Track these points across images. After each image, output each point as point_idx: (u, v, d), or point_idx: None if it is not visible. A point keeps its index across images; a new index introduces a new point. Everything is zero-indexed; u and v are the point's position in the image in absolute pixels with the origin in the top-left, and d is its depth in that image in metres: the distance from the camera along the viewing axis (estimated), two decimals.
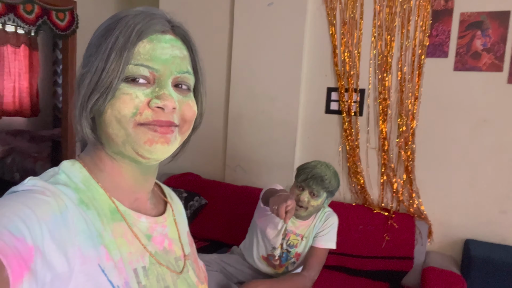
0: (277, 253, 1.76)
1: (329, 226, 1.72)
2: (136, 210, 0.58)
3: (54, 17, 2.95)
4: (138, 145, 0.52)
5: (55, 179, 0.52)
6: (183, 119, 0.56)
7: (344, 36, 2.25)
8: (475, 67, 2.02)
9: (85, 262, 0.47)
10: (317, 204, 1.67)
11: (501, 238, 2.03)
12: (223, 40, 2.59)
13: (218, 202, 2.42)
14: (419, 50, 2.10)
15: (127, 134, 0.52)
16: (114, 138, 0.53)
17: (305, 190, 1.64)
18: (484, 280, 1.84)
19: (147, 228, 0.59)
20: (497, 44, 1.97)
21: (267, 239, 1.77)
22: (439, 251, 2.15)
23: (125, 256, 0.52)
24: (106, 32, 0.52)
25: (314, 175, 1.62)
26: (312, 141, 2.41)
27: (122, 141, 0.53)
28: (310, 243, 1.74)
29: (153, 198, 0.66)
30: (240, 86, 2.52)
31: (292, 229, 1.74)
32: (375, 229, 2.10)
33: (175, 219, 0.67)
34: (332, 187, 1.67)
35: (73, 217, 0.48)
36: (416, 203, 2.16)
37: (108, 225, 0.52)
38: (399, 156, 2.19)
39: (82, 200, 0.51)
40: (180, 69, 0.55)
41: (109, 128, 0.52)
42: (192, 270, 0.65)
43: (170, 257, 0.61)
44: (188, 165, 2.74)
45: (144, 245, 0.56)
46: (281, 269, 1.79)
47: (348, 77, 2.25)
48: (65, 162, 0.56)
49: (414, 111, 2.13)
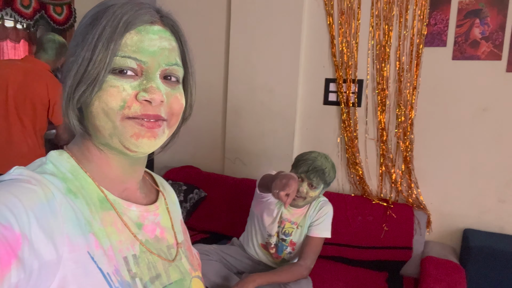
0: (273, 241, 1.77)
1: (324, 215, 1.73)
2: (126, 199, 0.58)
3: (51, 11, 2.94)
4: (125, 138, 0.52)
5: (42, 169, 0.52)
6: (171, 112, 0.55)
7: (341, 26, 2.23)
8: (473, 56, 2.00)
9: (73, 249, 0.47)
10: (315, 195, 1.69)
11: (500, 227, 2.03)
12: (220, 32, 2.58)
13: (217, 194, 2.43)
14: (417, 40, 2.08)
15: (114, 127, 0.52)
16: (101, 130, 0.53)
17: (304, 182, 1.65)
18: (483, 269, 1.84)
19: (138, 216, 0.59)
20: (496, 32, 1.95)
21: (264, 227, 1.78)
22: (438, 241, 2.15)
23: (115, 244, 0.52)
24: (93, 21, 0.52)
25: (316, 168, 1.63)
26: (311, 132, 2.41)
27: (109, 134, 0.53)
28: (305, 232, 1.75)
29: (144, 187, 0.66)
30: (238, 78, 2.51)
31: (287, 216, 1.75)
32: (374, 219, 2.11)
33: (168, 207, 0.67)
34: (330, 179, 1.69)
35: (61, 206, 0.48)
36: (415, 193, 2.16)
37: (97, 214, 0.52)
38: (398, 146, 2.18)
39: (70, 189, 0.51)
40: (169, 61, 0.54)
41: (96, 120, 0.52)
42: (185, 258, 0.66)
43: (162, 245, 0.61)
44: (187, 158, 2.75)
45: (135, 233, 0.56)
46: (279, 260, 1.80)
47: (346, 68, 2.24)
48: (52, 152, 0.56)
49: (412, 101, 2.12)
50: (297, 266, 1.66)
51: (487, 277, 1.84)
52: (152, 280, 0.55)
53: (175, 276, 0.60)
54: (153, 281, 0.56)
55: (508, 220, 2.02)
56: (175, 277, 0.60)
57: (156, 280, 0.56)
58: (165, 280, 0.58)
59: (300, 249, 1.75)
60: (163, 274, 0.58)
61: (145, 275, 0.55)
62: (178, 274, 0.61)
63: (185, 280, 0.62)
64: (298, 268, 1.65)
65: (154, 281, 0.56)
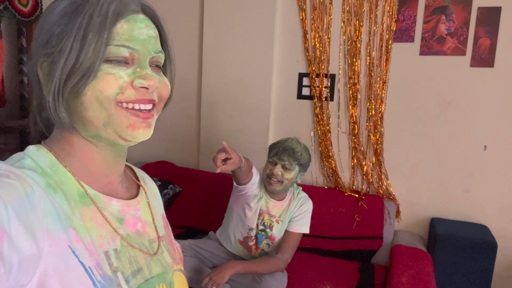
0: (253, 233, 1.79)
1: (304, 212, 1.78)
2: (108, 193, 0.58)
3: (16, 3, 2.82)
4: (121, 128, 0.53)
5: (21, 163, 0.52)
6: (160, 97, 0.58)
7: (314, 21, 2.26)
8: (439, 51, 2.08)
9: (54, 243, 0.47)
10: (291, 177, 1.71)
11: (465, 216, 2.13)
12: (193, 26, 2.56)
13: (192, 189, 2.42)
14: (387, 35, 2.14)
15: (109, 115, 0.52)
16: (94, 121, 0.53)
17: (278, 164, 1.69)
18: (449, 256, 1.93)
19: (119, 211, 0.59)
20: (461, 28, 2.03)
21: (243, 221, 1.80)
22: (407, 230, 2.24)
23: (95, 239, 0.52)
24: (73, 10, 0.51)
25: (285, 148, 1.68)
26: (285, 126, 2.44)
27: (104, 123, 0.53)
28: (285, 227, 1.78)
29: (126, 181, 0.66)
30: (212, 73, 2.50)
31: (265, 209, 1.78)
32: (346, 211, 2.17)
33: (149, 202, 0.68)
34: (304, 160, 1.71)
35: (40, 200, 0.48)
36: (385, 184, 2.23)
37: (76, 209, 0.52)
38: (369, 139, 2.24)
39: (49, 184, 0.51)
40: (156, 48, 0.56)
41: (88, 110, 0.52)
42: (167, 252, 0.66)
43: (143, 239, 0.62)
44: (162, 153, 2.72)
45: (115, 228, 0.56)
46: (257, 252, 1.82)
47: (319, 63, 2.28)
48: (30, 147, 0.55)
49: (382, 96, 2.18)
50: (275, 259, 1.69)
51: (453, 263, 1.93)
52: (134, 274, 0.56)
53: (156, 270, 0.60)
54: (135, 275, 0.56)
55: (472, 208, 2.12)
56: (157, 270, 0.60)
57: (138, 274, 0.56)
58: (146, 274, 0.58)
59: (278, 243, 1.78)
60: (145, 268, 0.58)
61: (127, 269, 0.55)
62: (159, 268, 0.61)
63: (167, 274, 0.62)
64: (276, 261, 1.69)
65: (135, 275, 0.56)
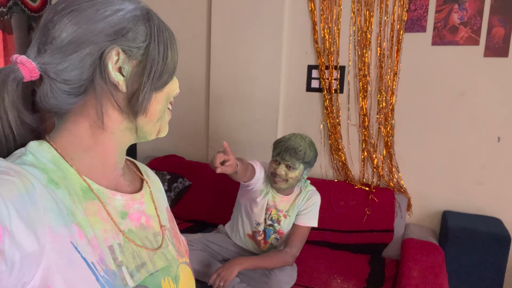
0: (261, 228, 1.79)
1: (312, 205, 1.76)
2: (113, 188, 0.59)
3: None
4: (165, 123, 0.63)
5: (21, 160, 0.52)
6: None
7: (323, 12, 2.23)
8: (452, 41, 2.03)
9: (56, 240, 0.47)
10: (296, 176, 1.69)
11: (477, 209, 2.10)
12: (202, 20, 2.54)
13: (201, 183, 2.43)
14: (398, 25, 2.10)
15: (164, 111, 0.62)
16: (156, 114, 0.60)
17: (281, 164, 1.67)
18: (461, 249, 1.91)
19: (123, 205, 0.59)
20: (474, 17, 1.98)
21: (251, 216, 1.80)
22: (418, 223, 2.21)
23: (99, 234, 0.52)
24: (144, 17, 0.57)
25: (288, 147, 1.64)
26: (294, 119, 2.42)
27: (159, 117, 0.61)
28: (293, 221, 1.77)
29: (129, 175, 0.66)
30: (220, 66, 2.49)
31: (272, 204, 1.77)
32: (357, 204, 2.15)
33: (153, 195, 0.68)
34: (308, 158, 1.67)
35: (41, 196, 0.47)
36: (396, 177, 2.21)
37: (80, 204, 0.52)
38: (379, 132, 2.21)
39: (51, 179, 0.51)
40: None
41: (159, 104, 0.60)
42: (171, 245, 0.66)
43: (148, 232, 0.62)
44: (170, 147, 2.73)
45: (118, 223, 0.56)
46: (266, 246, 1.82)
47: (328, 54, 2.25)
48: (32, 143, 0.54)
49: (393, 87, 2.14)
50: (283, 253, 1.69)
51: (465, 257, 1.90)
52: (138, 268, 0.56)
53: (160, 264, 0.60)
54: (139, 269, 0.56)
55: (485, 201, 2.08)
56: (161, 264, 0.60)
57: (142, 268, 0.57)
58: (151, 268, 0.58)
59: (286, 237, 1.77)
60: (148, 262, 0.58)
61: (131, 263, 0.55)
62: (163, 262, 0.61)
63: (171, 267, 0.62)
64: (284, 255, 1.68)
65: (140, 269, 0.56)
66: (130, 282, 0.53)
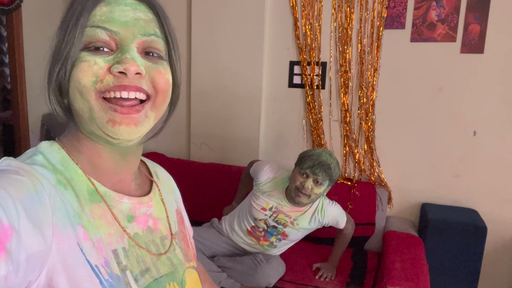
0: (261, 226, 1.79)
1: (335, 214, 1.83)
2: (119, 191, 0.57)
3: None
4: (102, 124, 0.50)
5: (32, 160, 0.51)
6: (155, 88, 0.52)
7: (304, 8, 2.23)
8: (430, 38, 2.08)
9: (62, 240, 0.47)
10: (320, 192, 1.68)
11: (455, 201, 2.16)
12: (181, 14, 2.50)
13: (184, 180, 2.38)
14: (378, 22, 2.13)
15: (90, 108, 0.49)
16: (82, 114, 0.51)
17: (310, 178, 1.64)
18: (440, 240, 1.97)
19: (130, 208, 0.57)
20: (451, 14, 2.03)
21: (250, 210, 1.81)
22: (398, 216, 2.27)
23: (104, 237, 0.52)
24: (69, 5, 0.51)
25: (321, 163, 1.62)
26: (277, 115, 2.42)
27: (88, 117, 0.50)
28: (299, 233, 1.80)
29: (139, 178, 0.63)
30: (202, 62, 2.46)
31: (281, 209, 1.77)
32: (339, 198, 2.17)
33: (162, 198, 0.66)
34: (335, 176, 1.68)
35: (50, 197, 0.47)
36: (377, 171, 2.25)
37: (86, 206, 0.51)
38: (360, 127, 2.25)
39: (59, 180, 0.50)
40: (145, 31, 0.51)
41: (75, 102, 0.50)
42: (179, 249, 0.65)
43: (155, 236, 0.60)
44: (151, 144, 2.68)
45: (124, 227, 0.55)
46: (265, 242, 1.82)
47: (310, 50, 2.26)
48: (43, 143, 0.54)
49: (373, 83, 2.18)
50: (345, 233, 1.87)
51: (444, 247, 1.97)
52: (142, 273, 0.55)
53: (164, 270, 0.59)
54: (143, 274, 0.55)
55: (462, 193, 2.15)
56: (165, 270, 0.59)
57: (146, 273, 0.55)
58: (155, 273, 0.57)
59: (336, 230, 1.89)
60: (152, 268, 0.57)
61: (135, 268, 0.54)
62: (167, 268, 0.60)
63: (177, 272, 0.61)
64: (347, 235, 1.87)
65: (144, 274, 0.55)
66: (134, 286, 0.52)
